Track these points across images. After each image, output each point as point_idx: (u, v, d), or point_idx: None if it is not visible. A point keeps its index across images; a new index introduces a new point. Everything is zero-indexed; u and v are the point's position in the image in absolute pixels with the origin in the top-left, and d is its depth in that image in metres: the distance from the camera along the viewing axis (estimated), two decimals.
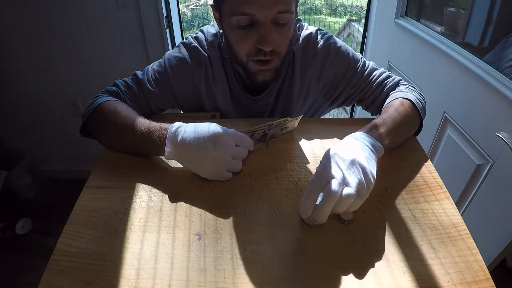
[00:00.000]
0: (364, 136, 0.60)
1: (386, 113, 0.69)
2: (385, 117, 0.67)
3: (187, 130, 0.61)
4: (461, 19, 1.31)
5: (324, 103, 0.89)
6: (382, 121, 0.66)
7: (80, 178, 0.79)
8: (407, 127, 0.71)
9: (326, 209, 0.50)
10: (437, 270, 0.48)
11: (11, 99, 1.82)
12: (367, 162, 0.54)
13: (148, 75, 0.80)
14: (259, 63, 0.71)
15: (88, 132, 0.74)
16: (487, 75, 0.99)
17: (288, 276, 0.47)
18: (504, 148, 0.92)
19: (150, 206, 0.58)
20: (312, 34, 0.81)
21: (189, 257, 0.50)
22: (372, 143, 0.59)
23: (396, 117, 0.68)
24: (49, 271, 0.48)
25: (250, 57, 0.70)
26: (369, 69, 0.82)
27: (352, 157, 0.53)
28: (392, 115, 0.68)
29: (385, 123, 0.65)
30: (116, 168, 0.66)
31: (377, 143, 0.60)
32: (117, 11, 1.53)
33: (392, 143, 0.64)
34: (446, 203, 0.58)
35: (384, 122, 0.65)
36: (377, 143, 0.60)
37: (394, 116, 0.68)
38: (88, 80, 1.73)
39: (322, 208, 0.50)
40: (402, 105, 0.71)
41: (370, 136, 0.60)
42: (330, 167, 0.53)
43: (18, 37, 1.61)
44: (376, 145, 0.59)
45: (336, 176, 0.51)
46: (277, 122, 0.67)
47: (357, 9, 5.68)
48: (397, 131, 0.66)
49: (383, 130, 0.64)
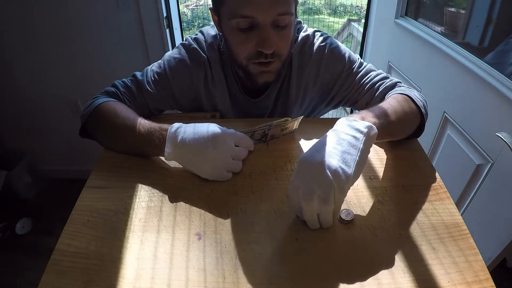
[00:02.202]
0: (343, 122, 0.56)
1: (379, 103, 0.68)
2: (378, 105, 0.65)
3: (187, 131, 0.61)
4: (461, 19, 1.31)
5: (320, 104, 0.88)
6: (374, 107, 0.64)
7: (80, 178, 0.79)
8: (404, 116, 0.66)
9: (309, 220, 0.52)
10: (437, 270, 0.48)
11: (11, 99, 1.82)
12: (339, 158, 0.51)
13: (147, 76, 0.80)
14: (260, 65, 0.70)
15: (87, 133, 0.73)
16: (487, 75, 0.99)
17: (288, 276, 0.47)
18: (504, 148, 0.92)
19: (150, 206, 0.58)
20: (309, 35, 0.81)
21: (189, 257, 0.50)
22: (355, 127, 0.55)
23: (392, 103, 0.66)
24: (49, 271, 0.48)
25: (251, 60, 0.70)
26: (365, 70, 0.81)
27: (320, 161, 0.50)
28: (387, 101, 0.67)
29: (377, 107, 0.63)
30: (116, 168, 0.66)
31: (362, 123, 0.55)
32: (117, 11, 1.53)
33: (388, 126, 0.60)
34: (446, 203, 0.58)
35: (376, 107, 0.63)
36: (362, 123, 0.55)
37: (389, 101, 0.66)
38: (88, 80, 1.73)
39: (307, 220, 0.53)
40: (397, 97, 0.69)
41: (351, 119, 0.56)
42: (299, 178, 0.51)
43: (18, 37, 1.61)
44: (361, 127, 0.55)
45: (304, 188, 0.50)
46: (277, 123, 0.67)
47: (357, 9, 5.68)
48: (392, 116, 0.62)
49: (371, 112, 0.60)
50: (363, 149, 0.53)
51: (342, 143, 0.53)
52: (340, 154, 0.52)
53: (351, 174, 0.51)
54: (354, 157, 0.52)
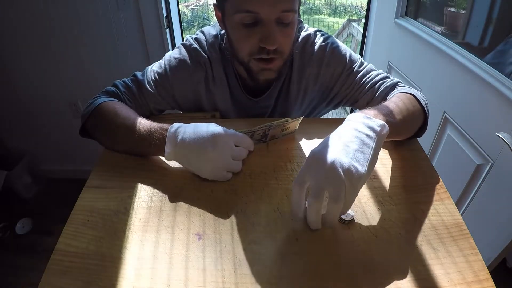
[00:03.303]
0: (357, 119, 0.55)
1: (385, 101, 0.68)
2: (383, 103, 0.65)
3: (187, 131, 0.61)
4: (461, 19, 1.31)
5: (320, 103, 0.88)
6: (381, 105, 0.63)
7: (80, 178, 0.79)
8: (410, 115, 0.65)
9: (313, 219, 0.50)
10: (437, 270, 0.48)
11: (11, 99, 1.82)
12: (352, 157, 0.50)
13: (148, 76, 0.80)
14: (262, 62, 0.70)
15: (87, 132, 0.73)
16: (487, 75, 0.99)
17: (288, 276, 0.47)
18: (504, 148, 0.92)
19: (150, 206, 0.58)
20: (311, 35, 0.81)
21: (189, 257, 0.50)
22: (369, 125, 0.54)
23: (397, 102, 0.65)
24: (49, 271, 0.48)
25: (253, 56, 0.70)
26: (366, 70, 0.80)
27: (332, 158, 0.49)
28: (392, 100, 0.66)
29: (384, 106, 0.62)
30: (116, 168, 0.66)
31: (376, 122, 0.54)
32: (117, 11, 1.53)
33: (396, 125, 0.59)
34: (446, 203, 0.58)
35: (383, 105, 0.63)
36: (376, 122, 0.54)
37: (394, 100, 0.66)
38: (88, 80, 1.73)
39: (309, 218, 0.51)
40: (401, 96, 0.69)
41: (365, 116, 0.55)
42: (308, 174, 0.50)
43: (18, 37, 1.61)
44: (374, 126, 0.54)
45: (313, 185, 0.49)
46: (277, 123, 0.66)
47: (357, 9, 5.68)
48: (399, 115, 0.62)
49: (380, 111, 0.59)
50: (375, 148, 0.52)
51: (355, 141, 0.52)
52: (353, 152, 0.50)
53: (365, 173, 0.49)
54: (367, 156, 0.51)
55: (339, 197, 0.47)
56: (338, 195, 0.47)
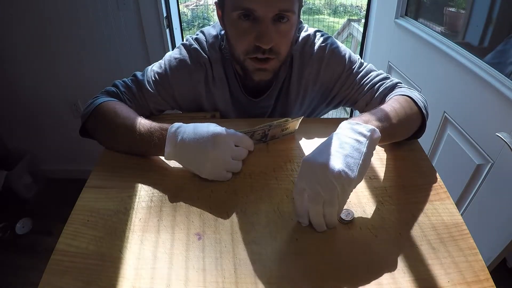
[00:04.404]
0: (346, 126, 0.56)
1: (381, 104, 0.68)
2: (380, 107, 0.65)
3: (187, 131, 0.61)
4: (461, 19, 1.31)
5: (320, 104, 0.88)
6: (376, 109, 0.64)
7: (80, 178, 0.79)
8: (406, 117, 0.66)
9: (316, 222, 0.53)
10: (437, 270, 0.48)
11: (11, 99, 1.82)
12: (343, 162, 0.51)
13: (148, 76, 0.80)
14: (257, 62, 0.70)
15: (87, 132, 0.73)
16: (487, 75, 0.99)
17: (288, 276, 0.47)
18: (504, 148, 0.92)
19: (150, 206, 0.58)
20: (310, 35, 0.81)
21: (189, 257, 0.50)
22: (358, 131, 0.55)
23: (394, 105, 0.66)
24: (49, 271, 0.48)
25: (248, 54, 0.69)
26: (365, 70, 0.80)
27: (323, 165, 0.50)
28: (389, 103, 0.67)
29: (379, 110, 0.63)
30: (116, 168, 0.66)
31: (365, 127, 0.55)
32: (117, 11, 1.53)
33: (391, 129, 0.61)
34: (446, 203, 0.58)
35: (378, 109, 0.63)
36: (365, 127, 0.55)
37: (391, 103, 0.66)
38: (88, 80, 1.73)
39: (313, 222, 0.53)
40: (399, 99, 0.69)
41: (353, 122, 0.56)
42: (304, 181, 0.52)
43: (18, 37, 1.61)
44: (363, 131, 0.55)
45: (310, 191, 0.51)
46: (277, 123, 0.66)
47: (357, 9, 5.68)
48: (394, 118, 0.63)
49: (374, 115, 0.61)
50: (366, 153, 0.54)
51: (345, 147, 0.53)
52: (343, 158, 0.52)
53: (354, 178, 0.51)
54: (357, 161, 0.52)
55: (333, 201, 0.50)
56: (331, 199, 0.50)
